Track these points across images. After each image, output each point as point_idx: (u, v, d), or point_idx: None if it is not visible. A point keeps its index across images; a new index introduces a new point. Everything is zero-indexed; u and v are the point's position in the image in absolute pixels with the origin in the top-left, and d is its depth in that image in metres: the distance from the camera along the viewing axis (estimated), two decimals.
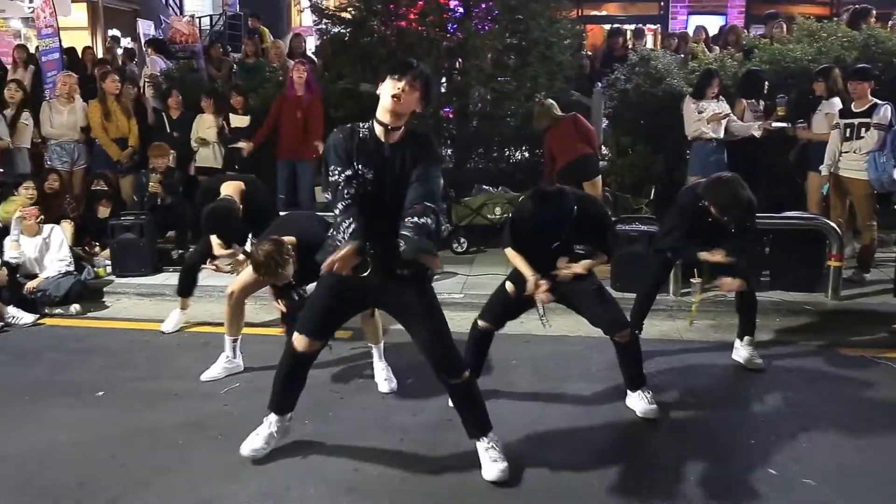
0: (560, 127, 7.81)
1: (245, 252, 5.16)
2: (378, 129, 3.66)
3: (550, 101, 8.04)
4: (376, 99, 3.69)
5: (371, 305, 4.44)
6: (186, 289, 6.41)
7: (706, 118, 7.78)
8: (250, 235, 5.64)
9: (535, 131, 8.17)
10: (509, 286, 4.65)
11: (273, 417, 4.17)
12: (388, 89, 3.60)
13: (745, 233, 5.05)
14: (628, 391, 4.70)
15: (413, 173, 3.58)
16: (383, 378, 5.07)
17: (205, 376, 5.27)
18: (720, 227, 4.96)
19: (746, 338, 5.41)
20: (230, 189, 5.54)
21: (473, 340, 4.74)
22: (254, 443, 4.13)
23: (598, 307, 4.54)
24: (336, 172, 3.58)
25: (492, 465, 3.90)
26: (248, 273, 4.99)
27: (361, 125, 3.71)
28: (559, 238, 4.43)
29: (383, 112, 3.62)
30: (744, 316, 5.43)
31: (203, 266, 5.98)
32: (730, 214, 4.84)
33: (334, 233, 3.58)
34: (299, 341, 3.97)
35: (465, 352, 4.54)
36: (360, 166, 3.60)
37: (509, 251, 4.59)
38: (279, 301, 4.86)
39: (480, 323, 4.75)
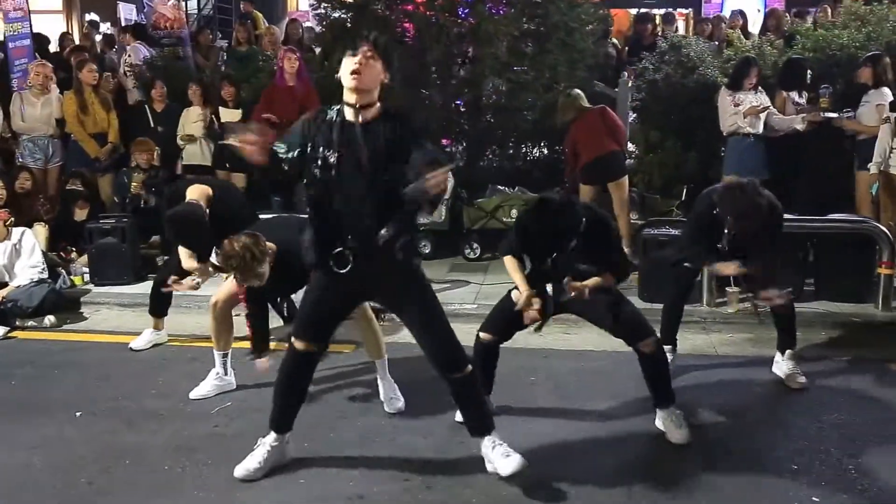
0: (586, 119, 7.84)
1: (216, 266, 5.15)
2: (348, 112, 3.81)
3: (577, 91, 8.07)
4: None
5: (366, 300, 4.60)
6: (160, 308, 6.40)
7: (743, 111, 7.79)
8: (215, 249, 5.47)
9: (557, 124, 8.20)
10: (515, 295, 4.67)
11: (270, 437, 4.24)
12: (346, 69, 3.76)
13: (771, 241, 5.06)
14: (657, 410, 4.71)
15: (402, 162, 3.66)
16: (389, 397, 5.10)
17: (194, 394, 5.31)
18: (743, 236, 4.98)
19: (788, 351, 5.42)
20: (196, 193, 5.48)
21: (477, 355, 4.76)
22: (248, 464, 4.19)
23: (617, 316, 4.57)
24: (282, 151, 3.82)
25: (505, 460, 4.00)
26: (232, 281, 5.04)
27: (331, 108, 3.88)
28: (561, 251, 4.47)
29: (348, 94, 3.79)
30: (781, 329, 5.44)
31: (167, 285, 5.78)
32: (746, 225, 4.84)
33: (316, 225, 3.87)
34: (298, 346, 4.09)
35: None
36: (321, 149, 3.77)
37: (508, 260, 4.67)
38: (249, 314, 4.95)
39: (482, 335, 4.77)
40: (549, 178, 8.79)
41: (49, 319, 6.98)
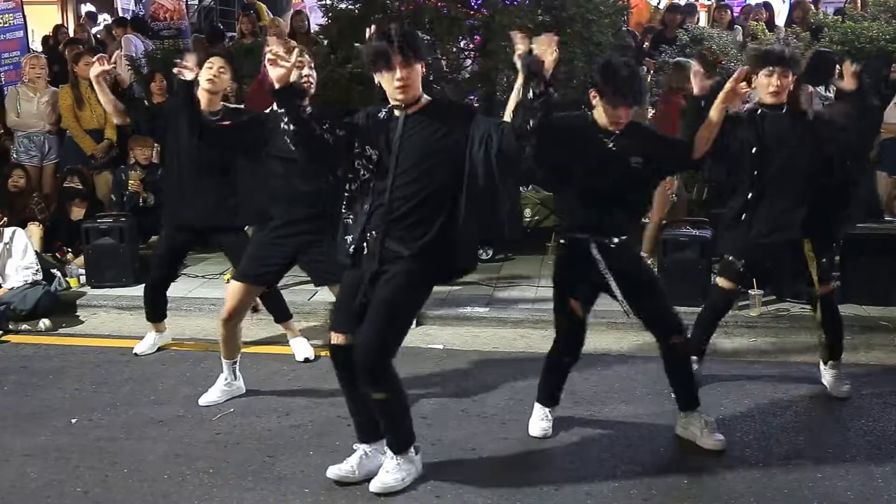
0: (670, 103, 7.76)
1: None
2: (396, 112, 3.94)
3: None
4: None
5: None
6: (158, 313, 6.36)
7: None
8: None
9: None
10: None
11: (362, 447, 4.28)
12: (388, 84, 3.85)
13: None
14: (682, 413, 4.68)
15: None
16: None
17: (203, 400, 5.32)
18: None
19: (831, 361, 5.33)
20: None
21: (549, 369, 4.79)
22: (339, 467, 4.24)
23: (654, 298, 4.52)
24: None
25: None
26: (238, 292, 5.06)
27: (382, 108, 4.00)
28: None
29: (394, 100, 3.93)
30: (830, 336, 5.28)
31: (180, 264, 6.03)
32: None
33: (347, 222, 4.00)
34: (336, 338, 4.10)
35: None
36: (367, 147, 3.92)
37: None
38: None
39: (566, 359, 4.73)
40: None
41: (44, 323, 7.01)
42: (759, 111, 5.02)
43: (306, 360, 6.00)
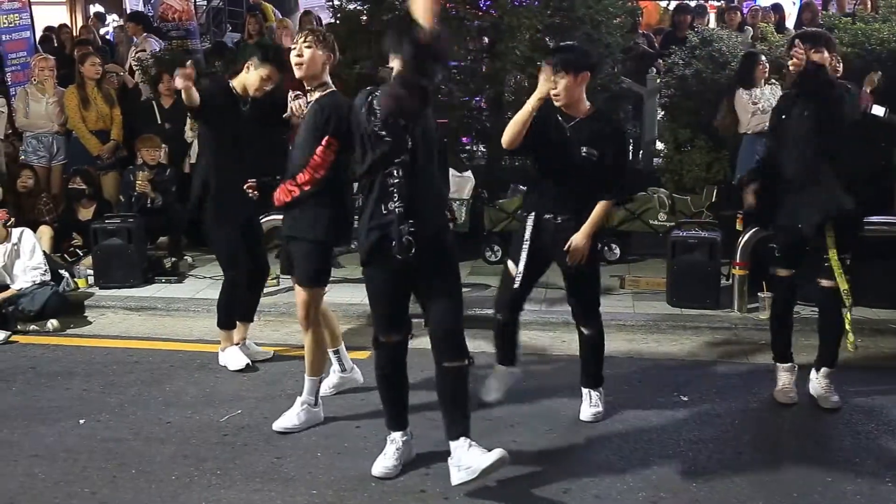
0: None
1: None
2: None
3: None
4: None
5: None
6: (234, 320, 6.00)
7: (761, 108, 7.79)
8: None
9: None
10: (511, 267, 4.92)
11: (397, 435, 4.40)
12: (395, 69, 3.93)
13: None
14: (583, 389, 5.03)
15: None
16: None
17: (277, 425, 4.92)
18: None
19: (824, 369, 5.28)
20: None
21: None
22: (384, 462, 4.35)
23: (583, 286, 4.91)
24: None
25: (485, 454, 4.03)
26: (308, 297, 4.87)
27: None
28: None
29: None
30: (824, 341, 5.29)
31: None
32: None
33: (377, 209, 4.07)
34: (388, 339, 4.27)
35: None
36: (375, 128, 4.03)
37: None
38: None
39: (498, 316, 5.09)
40: None
41: (52, 323, 7.03)
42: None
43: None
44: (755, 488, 4.19)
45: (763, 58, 8.06)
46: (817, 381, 5.28)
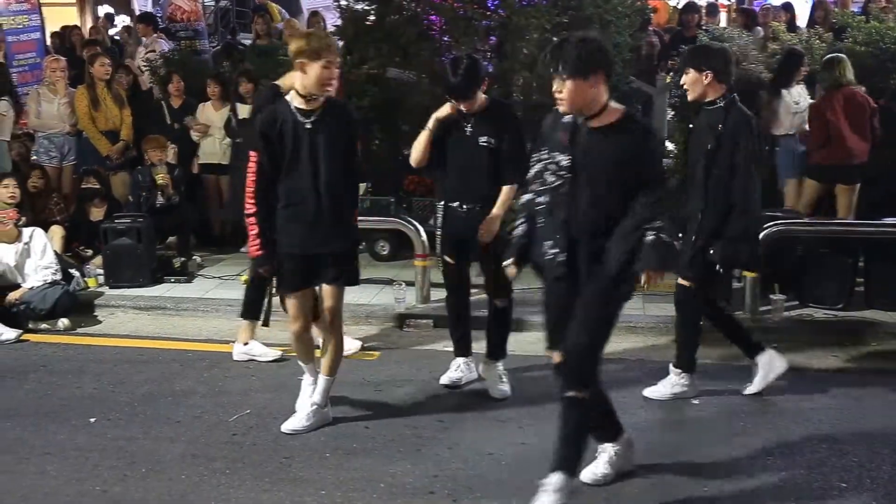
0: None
1: None
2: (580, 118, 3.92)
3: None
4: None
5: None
6: (254, 310, 6.06)
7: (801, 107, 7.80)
8: None
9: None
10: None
11: (610, 446, 4.30)
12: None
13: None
14: (488, 359, 5.41)
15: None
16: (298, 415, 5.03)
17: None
18: None
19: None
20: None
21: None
22: (596, 469, 4.30)
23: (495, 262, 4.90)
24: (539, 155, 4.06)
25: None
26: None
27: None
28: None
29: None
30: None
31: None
32: None
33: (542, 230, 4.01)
34: (555, 357, 4.07)
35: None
36: (556, 153, 3.94)
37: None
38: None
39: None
40: None
41: (62, 322, 7.06)
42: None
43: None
44: (768, 493, 4.18)
45: (805, 57, 8.04)
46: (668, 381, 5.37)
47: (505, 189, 5.09)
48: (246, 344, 6.13)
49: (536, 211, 4.04)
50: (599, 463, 4.29)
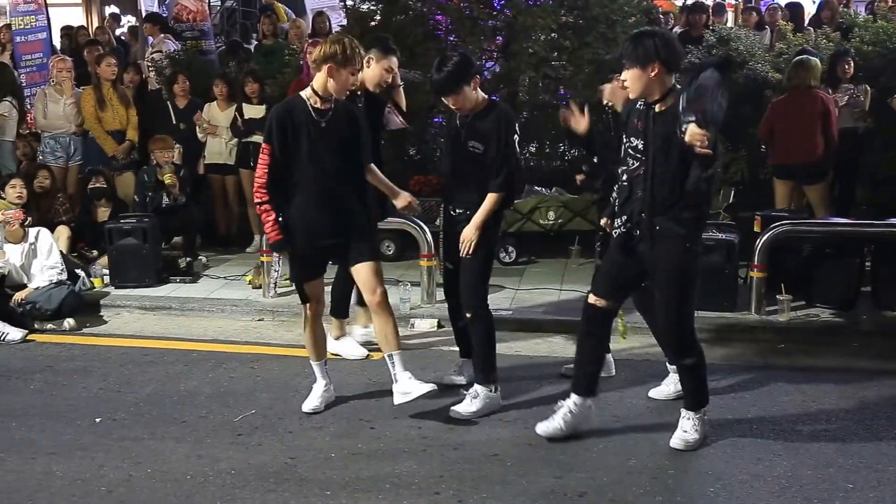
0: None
1: None
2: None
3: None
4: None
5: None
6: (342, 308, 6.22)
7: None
8: None
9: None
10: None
11: (571, 399, 4.72)
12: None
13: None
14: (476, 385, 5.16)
15: None
16: (401, 391, 4.99)
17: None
18: None
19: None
20: None
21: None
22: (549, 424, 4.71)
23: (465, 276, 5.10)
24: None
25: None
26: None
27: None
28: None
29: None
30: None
31: None
32: None
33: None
34: (597, 301, 4.63)
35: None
36: (632, 138, 4.47)
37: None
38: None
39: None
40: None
41: (68, 322, 7.08)
42: None
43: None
44: (775, 494, 4.17)
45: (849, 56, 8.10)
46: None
47: (488, 197, 4.97)
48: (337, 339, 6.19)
49: (619, 190, 4.56)
50: (557, 418, 4.69)
